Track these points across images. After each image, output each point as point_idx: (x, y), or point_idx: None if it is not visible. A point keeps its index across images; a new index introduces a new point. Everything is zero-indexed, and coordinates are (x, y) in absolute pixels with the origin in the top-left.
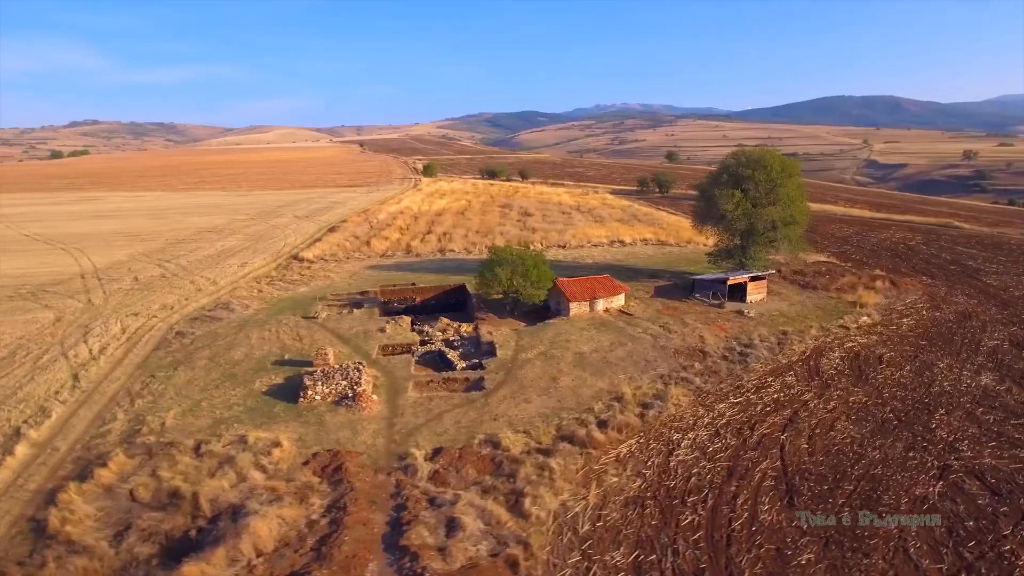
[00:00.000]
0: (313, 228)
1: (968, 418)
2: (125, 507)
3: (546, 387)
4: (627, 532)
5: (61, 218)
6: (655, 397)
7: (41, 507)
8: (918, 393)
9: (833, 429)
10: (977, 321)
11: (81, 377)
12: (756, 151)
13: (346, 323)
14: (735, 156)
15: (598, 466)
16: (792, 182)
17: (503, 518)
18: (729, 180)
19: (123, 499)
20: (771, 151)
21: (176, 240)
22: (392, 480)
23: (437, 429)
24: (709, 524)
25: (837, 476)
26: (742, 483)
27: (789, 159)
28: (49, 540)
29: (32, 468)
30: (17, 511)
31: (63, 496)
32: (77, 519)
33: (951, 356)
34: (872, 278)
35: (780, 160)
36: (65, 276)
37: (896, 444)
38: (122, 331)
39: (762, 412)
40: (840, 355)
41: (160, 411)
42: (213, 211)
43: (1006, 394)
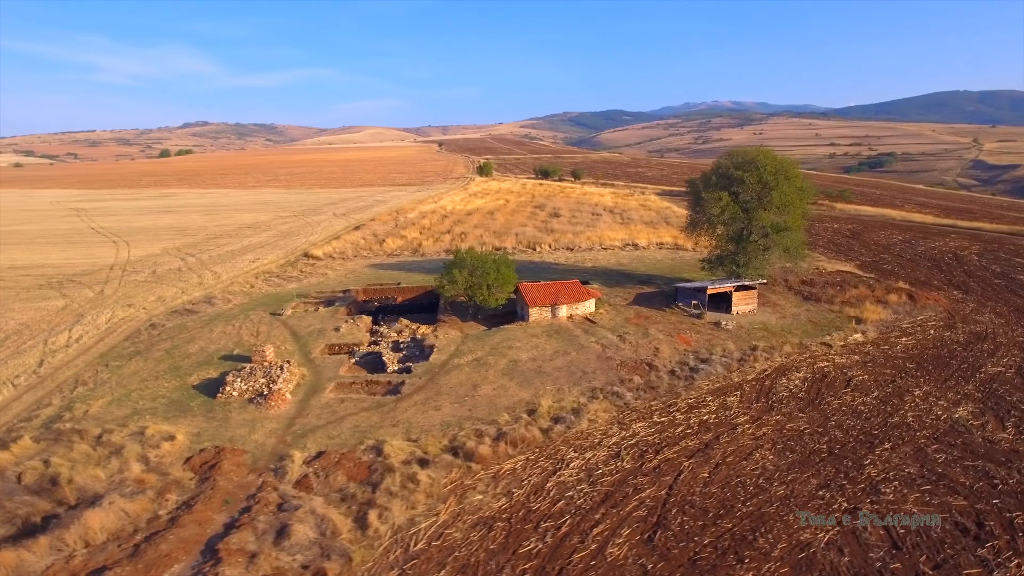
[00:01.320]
0: (341, 226)
1: (914, 456)
2: (8, 489)
3: (463, 395)
4: (459, 555)
5: (132, 212)
6: (572, 411)
7: None
8: (871, 423)
9: (748, 458)
10: (990, 344)
11: (45, 363)
12: (750, 150)
13: (307, 321)
14: (728, 156)
15: (470, 481)
16: (789, 185)
17: (341, 529)
18: (719, 182)
19: (11, 481)
20: (766, 151)
21: (214, 235)
22: (259, 481)
23: (332, 432)
24: (549, 554)
25: (720, 512)
26: (611, 511)
27: (786, 160)
28: None
29: None
30: None
31: None
32: None
33: (935, 383)
34: (888, 291)
35: (775, 161)
36: (97, 267)
37: (811, 480)
38: (107, 321)
39: (680, 434)
40: (804, 376)
41: (91, 399)
42: (263, 208)
43: (977, 430)
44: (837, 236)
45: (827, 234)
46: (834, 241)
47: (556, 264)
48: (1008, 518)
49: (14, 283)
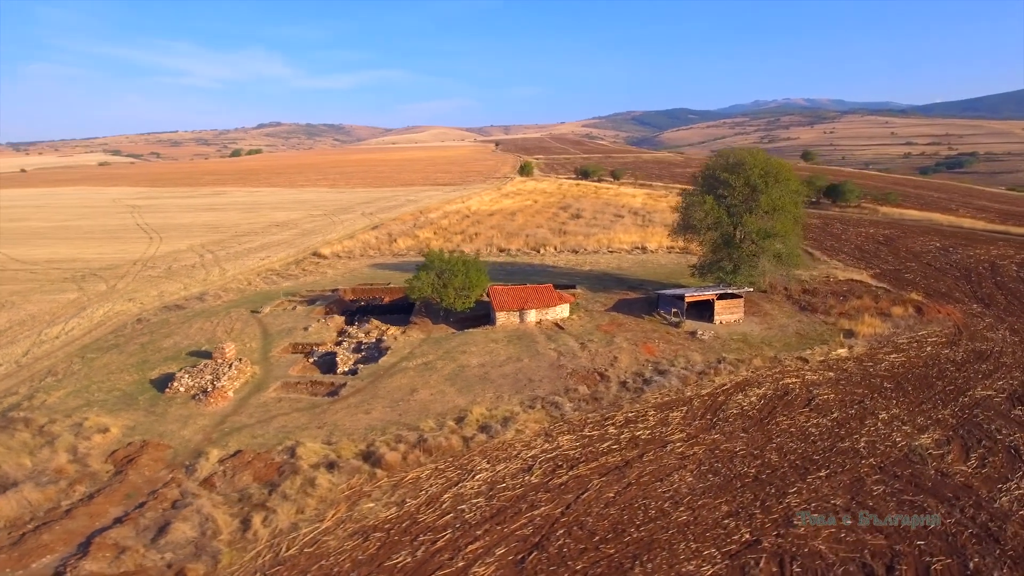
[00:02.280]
0: (361, 225)
1: (849, 486)
2: None
3: (398, 399)
4: (325, 563)
5: (178, 210)
6: (502, 421)
7: None
8: (815, 448)
9: (665, 479)
10: (991, 364)
11: (30, 353)
12: (739, 152)
13: (282, 319)
14: (719, 156)
15: (369, 488)
16: (779, 189)
17: (222, 530)
18: (705, 185)
19: None
20: (756, 151)
21: (241, 233)
22: (168, 477)
23: (258, 432)
24: (414, 569)
25: (609, 536)
26: (496, 528)
27: (780, 162)
28: None
29: None
30: None
31: None
32: None
33: (907, 406)
34: (894, 302)
35: (765, 163)
36: (122, 262)
37: (721, 507)
38: (103, 315)
39: (604, 450)
40: (764, 392)
41: (54, 389)
42: (299, 206)
43: (933, 460)
44: (867, 242)
45: (857, 240)
46: (862, 248)
47: (553, 267)
48: (926, 563)
49: (44, 276)
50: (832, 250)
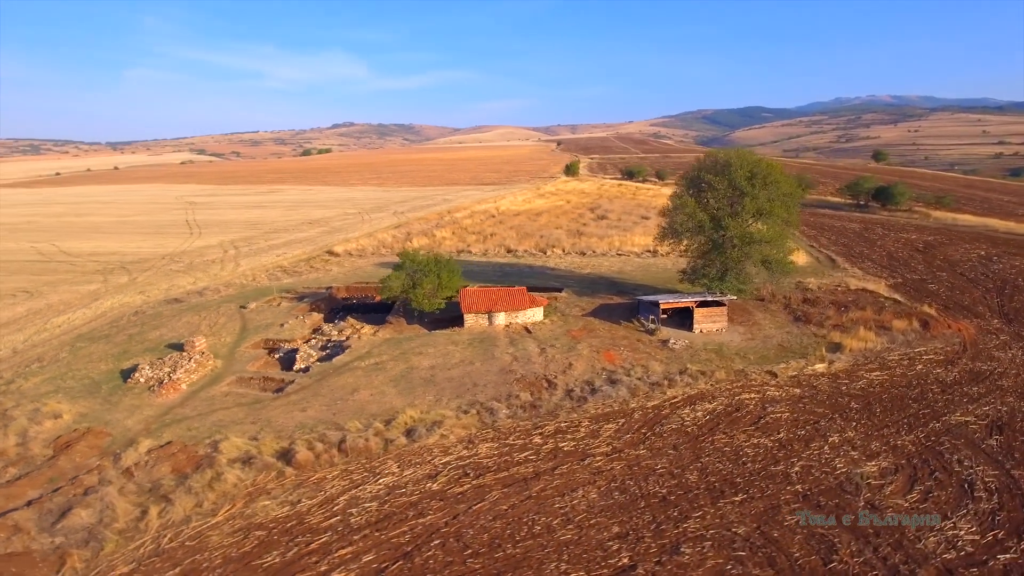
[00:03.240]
0: (386, 223)
1: (761, 514)
2: None
3: (337, 398)
4: (199, 558)
5: (229, 207)
6: (430, 425)
7: None
8: (743, 470)
9: (569, 494)
10: (984, 387)
11: (29, 340)
12: (727, 152)
13: (264, 315)
14: (707, 157)
15: (273, 486)
16: (768, 191)
17: (119, 518)
18: (689, 188)
19: None
20: (744, 152)
21: (273, 230)
22: (95, 464)
23: (194, 424)
24: (278, 570)
25: (483, 550)
26: (374, 534)
27: (770, 163)
28: None
29: None
30: None
31: None
32: None
33: (867, 429)
34: (898, 315)
35: (752, 165)
36: (154, 256)
37: (613, 527)
38: (110, 306)
39: (519, 460)
40: (714, 407)
41: (34, 376)
42: (339, 205)
43: (869, 491)
44: (903, 249)
45: (893, 246)
46: (894, 255)
47: (553, 269)
48: None
49: (80, 267)
50: (859, 257)
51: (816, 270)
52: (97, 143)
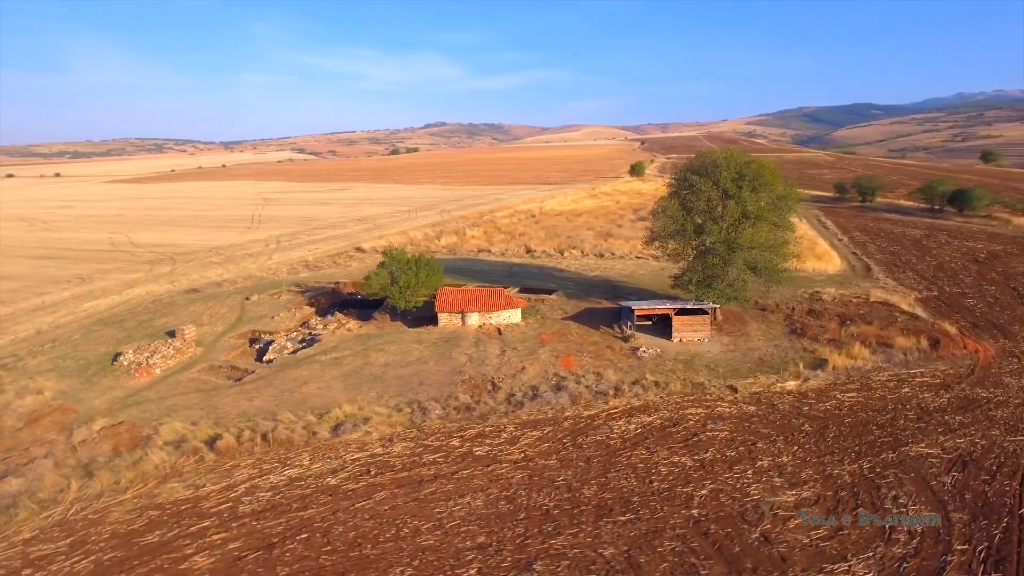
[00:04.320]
0: (427, 221)
1: (638, 538)
2: None
3: (285, 390)
4: (91, 531)
5: (296, 204)
6: (361, 420)
7: None
8: (646, 489)
9: (455, 500)
10: (969, 416)
11: (56, 321)
12: (716, 153)
13: (264, 307)
14: (697, 156)
15: (188, 470)
16: (756, 196)
17: (45, 489)
18: (676, 190)
19: None
20: (736, 152)
21: (321, 226)
22: (51, 438)
23: (151, 407)
24: (154, 549)
25: (341, 547)
26: (254, 523)
27: (762, 164)
28: None
29: None
30: None
31: None
32: None
33: (806, 455)
34: (906, 332)
35: (741, 166)
36: (202, 248)
37: (479, 537)
38: (137, 294)
39: (427, 461)
40: (651, 421)
41: (42, 354)
42: (394, 203)
43: (774, 521)
44: (957, 259)
45: (947, 256)
46: (944, 266)
47: (560, 270)
48: None
49: (136, 258)
50: (902, 267)
51: (844, 279)
52: (212, 142)
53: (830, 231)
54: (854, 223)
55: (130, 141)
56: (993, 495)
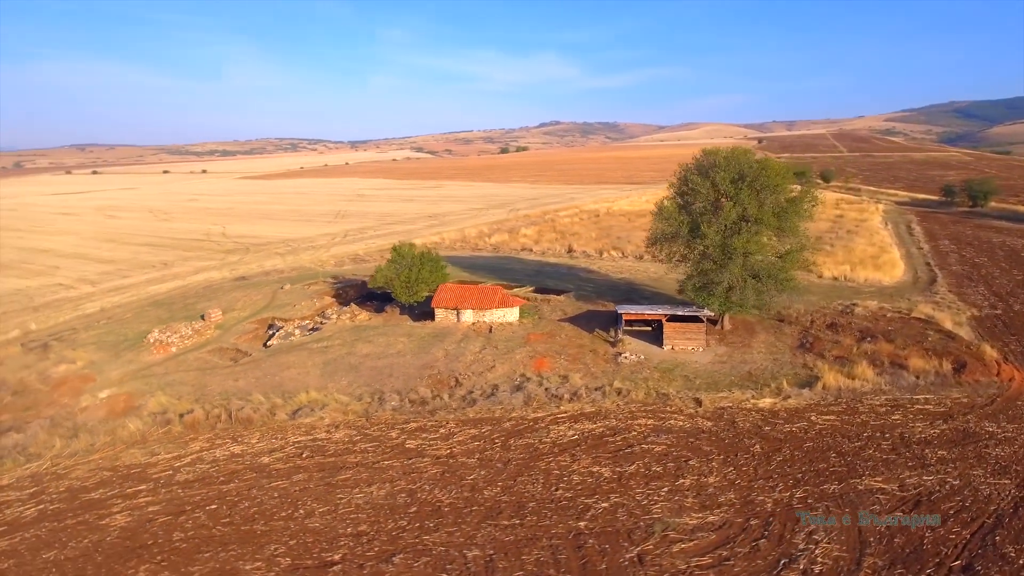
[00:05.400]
0: (490, 219)
1: (514, 543)
2: None
3: (268, 373)
4: (54, 484)
5: (386, 200)
6: (320, 406)
7: None
8: (547, 495)
9: (361, 488)
10: (956, 452)
11: (119, 302)
12: (719, 152)
13: (290, 296)
14: (703, 155)
15: (156, 437)
16: (758, 200)
17: (36, 445)
18: (678, 192)
19: None
20: (741, 152)
21: (392, 221)
22: (65, 401)
23: (154, 380)
24: (91, 504)
25: (239, 520)
26: (179, 491)
27: (766, 165)
28: None
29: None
30: None
31: None
32: None
33: (737, 478)
34: (929, 352)
35: (742, 167)
36: (277, 240)
37: (361, 525)
38: (197, 280)
39: (358, 449)
40: (593, 428)
41: (93, 329)
42: (472, 201)
43: (660, 544)
44: None
45: None
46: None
47: (590, 271)
48: None
49: (218, 247)
50: (974, 281)
51: (897, 291)
52: (340, 142)
53: (914, 238)
54: (948, 230)
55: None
56: (930, 543)
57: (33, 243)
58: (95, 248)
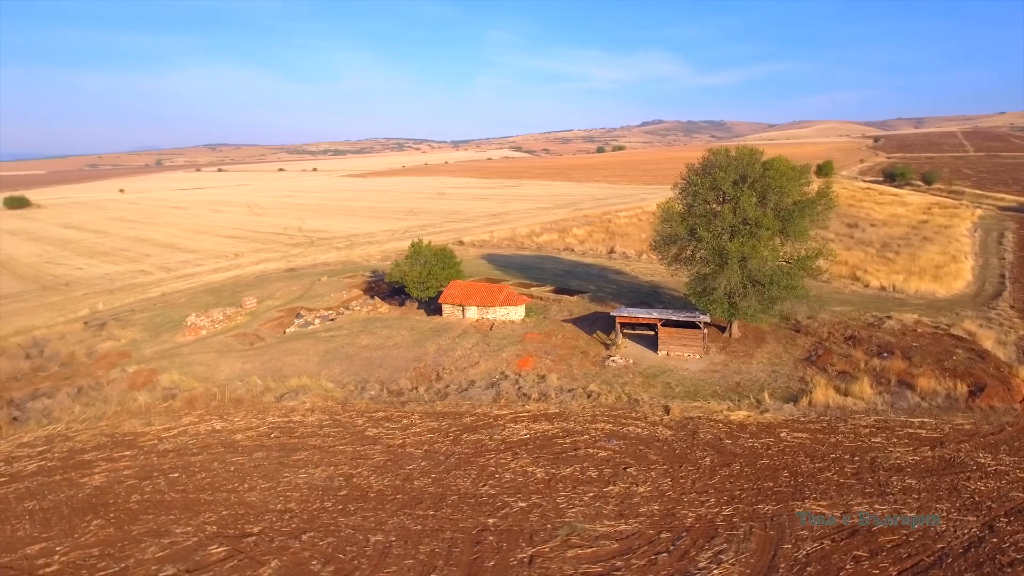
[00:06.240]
0: (549, 219)
1: (421, 532)
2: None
3: (272, 359)
4: (60, 445)
5: (463, 198)
6: (303, 391)
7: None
8: (475, 491)
9: (307, 469)
10: (924, 483)
11: (178, 287)
12: (724, 151)
13: (324, 287)
14: (712, 154)
15: (158, 410)
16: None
17: (59, 410)
18: (681, 193)
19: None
20: (747, 150)
21: (454, 219)
22: (99, 373)
23: (177, 359)
24: (82, 464)
25: (189, 489)
26: (155, 458)
27: (774, 165)
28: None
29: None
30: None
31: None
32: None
33: (672, 490)
34: (945, 372)
35: (745, 167)
36: (341, 235)
37: (291, 504)
38: (252, 270)
39: (324, 433)
40: (547, 428)
41: (147, 311)
42: (541, 200)
43: (558, 547)
44: None
45: None
46: None
47: (619, 273)
48: None
49: (286, 241)
50: None
51: (947, 305)
52: (443, 141)
53: (1002, 247)
54: None
55: (378, 140)
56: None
57: (138, 233)
58: (186, 239)
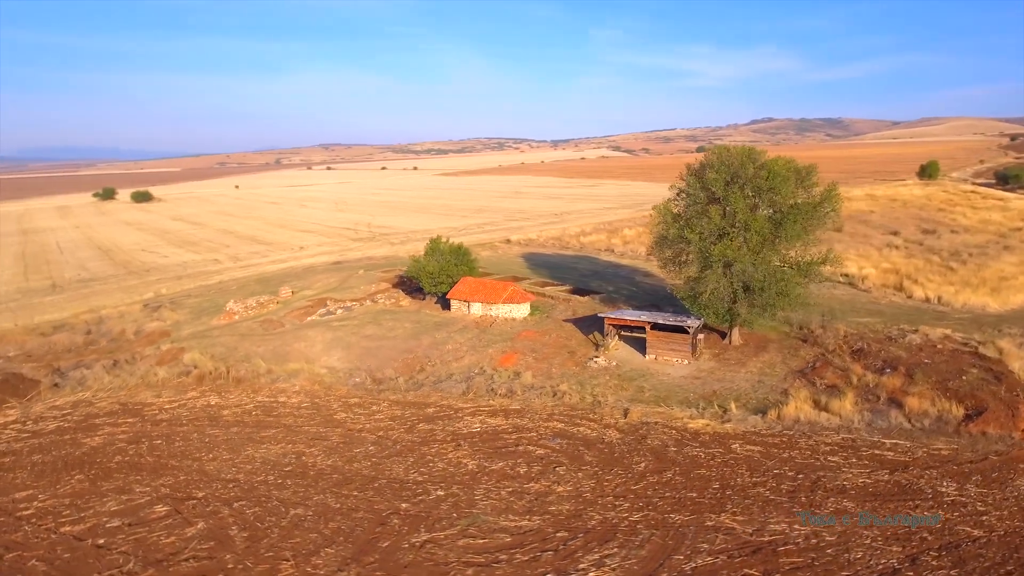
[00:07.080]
0: (602, 219)
1: (342, 509)
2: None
3: (283, 343)
4: (82, 410)
5: (536, 197)
6: (296, 375)
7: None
8: (402, 477)
9: (269, 446)
10: (871, 506)
11: (236, 276)
12: (718, 150)
13: (358, 280)
14: (711, 153)
15: (173, 385)
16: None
17: (91, 379)
18: (678, 192)
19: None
20: (743, 150)
21: (518, 217)
22: (138, 349)
23: (206, 340)
24: (89, 428)
25: (162, 456)
26: (149, 426)
27: (771, 165)
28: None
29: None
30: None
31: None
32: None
33: (592, 493)
34: (945, 392)
35: (737, 168)
36: (401, 231)
37: (240, 476)
38: (303, 263)
39: (300, 414)
40: (495, 424)
41: (197, 297)
42: (610, 200)
43: (455, 536)
44: None
45: None
46: None
47: (647, 276)
48: None
49: (350, 235)
50: None
51: (992, 321)
52: (543, 141)
53: None
54: None
55: (479, 140)
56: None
57: (229, 225)
58: (266, 232)
